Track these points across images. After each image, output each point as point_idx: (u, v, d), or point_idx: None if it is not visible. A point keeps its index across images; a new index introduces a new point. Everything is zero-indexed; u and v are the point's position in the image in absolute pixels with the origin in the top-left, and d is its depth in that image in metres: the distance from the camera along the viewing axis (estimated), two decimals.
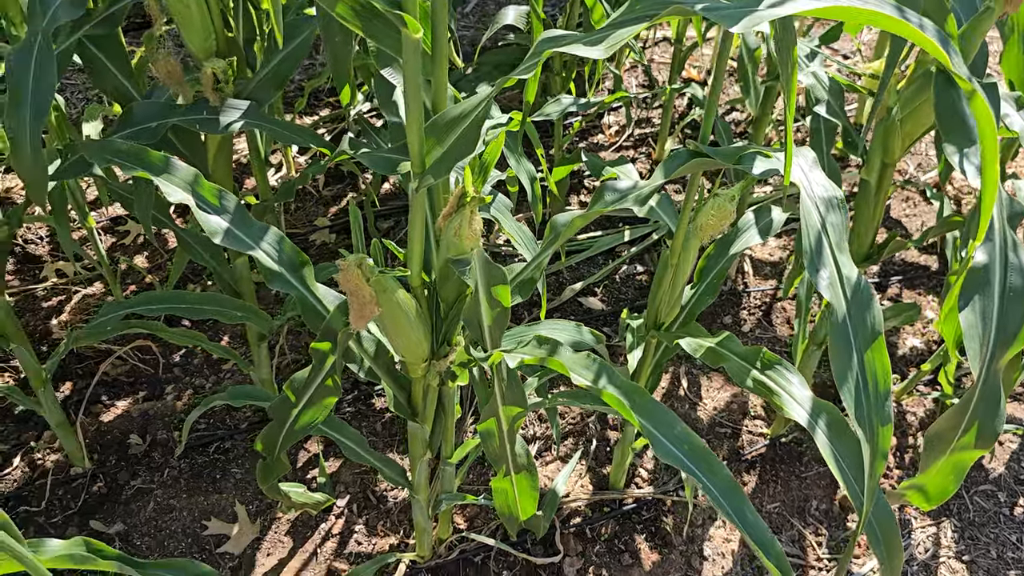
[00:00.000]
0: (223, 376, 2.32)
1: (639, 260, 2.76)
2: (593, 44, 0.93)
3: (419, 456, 1.61)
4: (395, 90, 1.58)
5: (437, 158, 1.13)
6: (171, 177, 1.30)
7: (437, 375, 1.44)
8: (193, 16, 1.41)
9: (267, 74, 1.53)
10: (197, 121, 1.46)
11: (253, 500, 2.02)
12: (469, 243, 1.24)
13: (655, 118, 3.51)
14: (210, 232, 1.28)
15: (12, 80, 1.32)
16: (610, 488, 2.08)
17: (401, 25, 0.99)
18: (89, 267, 2.63)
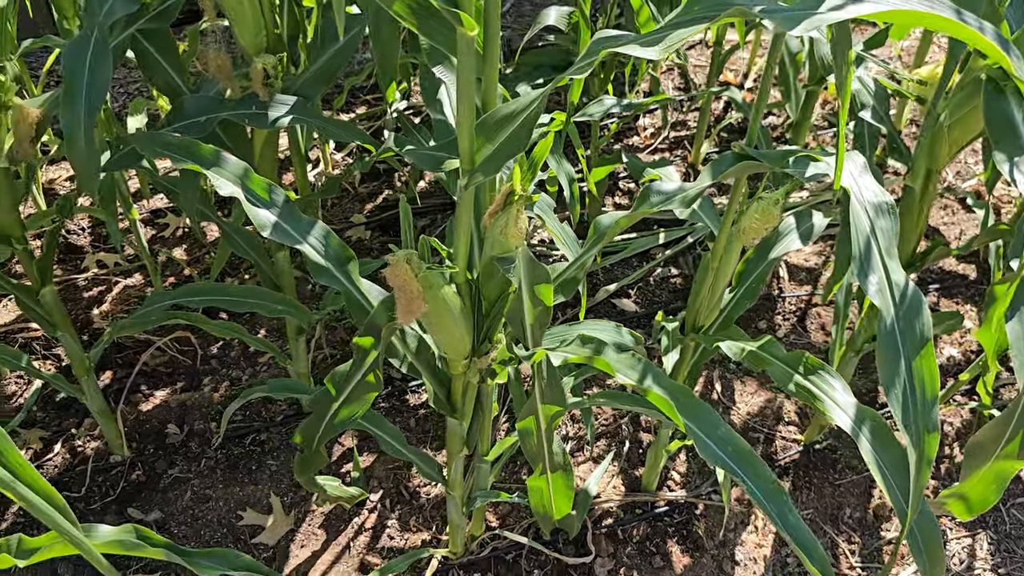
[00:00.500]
0: (259, 369, 2.34)
1: (673, 263, 2.75)
2: (650, 45, 0.93)
3: (456, 452, 1.62)
4: (440, 88, 1.60)
5: (487, 156, 1.13)
6: (221, 171, 1.32)
7: (477, 372, 1.44)
8: (245, 12, 1.43)
9: (315, 70, 1.55)
10: (246, 116, 1.48)
11: (288, 492, 2.04)
12: (514, 241, 1.25)
13: (691, 121, 3.50)
14: (259, 226, 1.29)
15: (67, 73, 1.34)
16: (642, 490, 2.07)
17: (457, 23, 1.00)
18: (129, 258, 2.67)
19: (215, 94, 1.63)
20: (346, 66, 1.55)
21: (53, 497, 0.91)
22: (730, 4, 0.91)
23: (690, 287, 2.64)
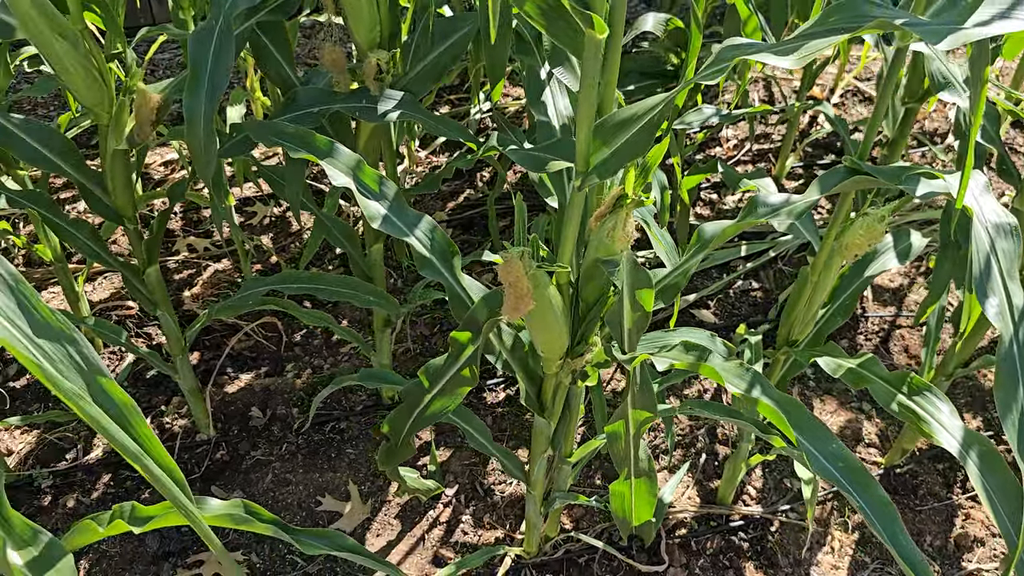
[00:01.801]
0: (340, 358, 2.38)
1: (754, 276, 2.73)
2: (784, 54, 0.93)
3: (540, 452, 1.63)
4: (544, 90, 1.61)
5: (603, 159, 1.14)
6: (335, 161, 1.35)
7: (570, 373, 1.45)
8: (363, 8, 1.46)
9: (424, 67, 1.58)
10: (357, 109, 1.51)
11: (365, 481, 2.08)
12: (620, 245, 1.26)
13: (774, 134, 3.46)
14: (369, 217, 1.32)
15: (192, 60, 1.39)
16: (717, 503, 2.06)
17: (588, 26, 1.01)
18: (217, 244, 2.74)
19: (324, 86, 1.66)
20: (455, 64, 1.57)
21: (174, 472, 0.94)
22: (870, 16, 0.90)
23: (771, 301, 2.64)
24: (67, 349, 0.86)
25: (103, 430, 0.85)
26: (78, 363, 0.87)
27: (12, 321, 0.83)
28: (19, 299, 0.84)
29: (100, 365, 0.88)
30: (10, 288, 0.84)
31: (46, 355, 0.84)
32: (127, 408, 0.90)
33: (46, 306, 0.85)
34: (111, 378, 0.88)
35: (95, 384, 0.88)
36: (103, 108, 1.49)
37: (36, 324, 0.84)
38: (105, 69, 1.46)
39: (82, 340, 0.87)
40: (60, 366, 0.85)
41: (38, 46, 1.37)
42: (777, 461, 2.15)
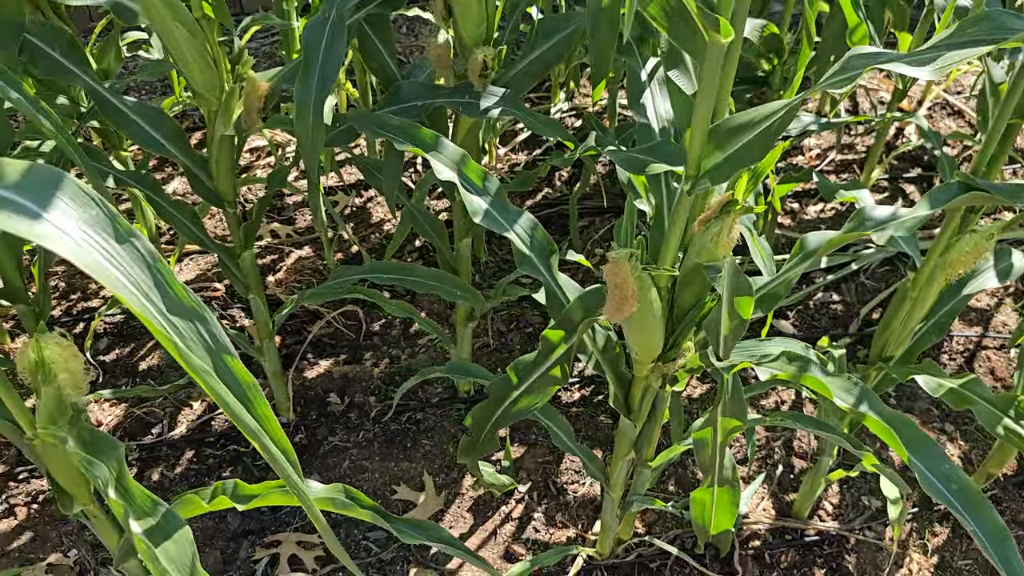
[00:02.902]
0: (417, 350, 2.41)
1: (835, 289, 2.68)
2: (919, 64, 0.91)
3: (623, 454, 1.63)
4: (644, 92, 1.61)
5: (716, 164, 1.14)
6: (439, 155, 1.37)
7: (660, 377, 1.45)
8: (472, 4, 1.47)
9: (527, 65, 1.58)
10: (460, 104, 1.53)
11: (440, 472, 2.10)
12: (723, 251, 1.25)
13: (858, 144, 3.40)
14: (472, 211, 1.33)
15: (305, 50, 1.42)
16: (793, 516, 2.03)
17: (713, 29, 1.00)
18: (299, 231, 2.79)
19: (424, 80, 1.68)
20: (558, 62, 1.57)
21: (288, 452, 0.96)
22: (1013, 29, 0.88)
23: (852, 315, 2.59)
24: (197, 327, 0.89)
25: (226, 406, 0.87)
26: (206, 341, 0.89)
27: (148, 297, 0.85)
28: (155, 276, 0.87)
29: (227, 344, 0.90)
30: (147, 265, 0.86)
31: (178, 331, 0.87)
32: (249, 387, 0.92)
33: (180, 284, 0.87)
34: (236, 357, 0.91)
35: (220, 362, 0.90)
36: (214, 94, 1.53)
37: (170, 301, 0.87)
38: (219, 56, 1.49)
39: (211, 319, 0.90)
40: (190, 343, 0.88)
41: (159, 32, 1.41)
42: (856, 478, 2.12)
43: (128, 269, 0.85)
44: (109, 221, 0.86)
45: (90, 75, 1.54)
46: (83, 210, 0.84)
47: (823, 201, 3.05)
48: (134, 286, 0.84)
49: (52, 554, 1.91)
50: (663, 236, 1.54)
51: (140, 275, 0.86)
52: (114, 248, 0.84)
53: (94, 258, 0.81)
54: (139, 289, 0.85)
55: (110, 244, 0.84)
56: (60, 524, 1.97)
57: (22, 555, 1.92)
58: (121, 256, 0.84)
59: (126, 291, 0.82)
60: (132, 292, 0.83)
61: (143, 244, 0.87)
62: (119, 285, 0.82)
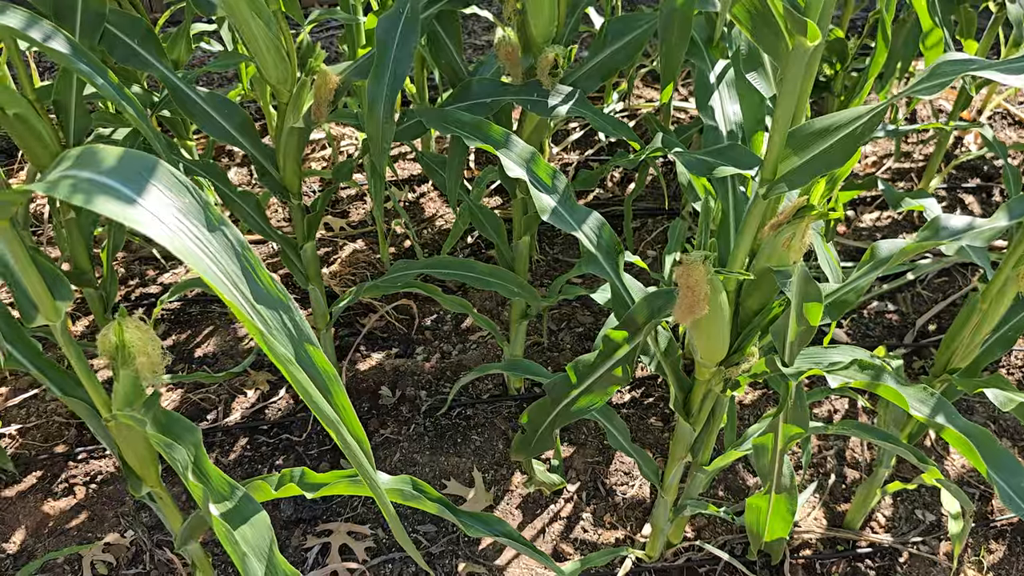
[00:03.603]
0: (468, 346, 2.42)
1: (890, 299, 2.64)
2: (1014, 72, 0.90)
3: (679, 457, 1.62)
4: (713, 94, 1.60)
5: (793, 168, 1.13)
6: (509, 152, 1.37)
7: (722, 381, 1.44)
8: (544, 2, 1.47)
9: (596, 65, 1.58)
10: (529, 102, 1.53)
11: (489, 469, 2.10)
12: (795, 256, 1.24)
13: (915, 153, 3.34)
14: (540, 209, 1.33)
15: (378, 46, 1.43)
16: (845, 527, 2.01)
17: (800, 32, 1.00)
18: (352, 224, 2.81)
19: (491, 77, 1.69)
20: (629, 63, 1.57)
21: (363, 443, 0.96)
22: None
23: (907, 325, 2.55)
24: (281, 316, 0.90)
25: (306, 395, 0.88)
26: (289, 330, 0.90)
27: (236, 286, 0.87)
28: (243, 265, 0.88)
29: (309, 334, 0.91)
30: (236, 254, 0.88)
31: (263, 320, 0.88)
32: (329, 377, 0.93)
33: (267, 273, 0.89)
34: (318, 347, 0.92)
35: (302, 351, 0.91)
36: (286, 86, 1.54)
37: (257, 290, 0.88)
38: (292, 49, 1.51)
39: (295, 308, 0.91)
40: (274, 331, 0.89)
41: (236, 24, 1.43)
42: (910, 490, 2.09)
43: (218, 257, 0.86)
44: (201, 209, 0.87)
45: (165, 65, 1.57)
46: (176, 197, 0.85)
47: (879, 209, 3.01)
48: (223, 274, 0.86)
49: (109, 534, 1.95)
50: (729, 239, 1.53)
51: (229, 263, 0.87)
52: (205, 236, 0.86)
53: (186, 245, 0.82)
54: (228, 277, 0.86)
55: (201, 232, 0.86)
56: (116, 505, 2.01)
57: (80, 533, 1.96)
58: (211, 244, 0.86)
59: (216, 278, 0.84)
60: (221, 280, 0.85)
61: (232, 233, 0.88)
62: (209, 272, 0.83)
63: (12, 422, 2.19)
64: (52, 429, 2.18)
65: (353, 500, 2.02)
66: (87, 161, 0.86)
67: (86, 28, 1.47)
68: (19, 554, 1.91)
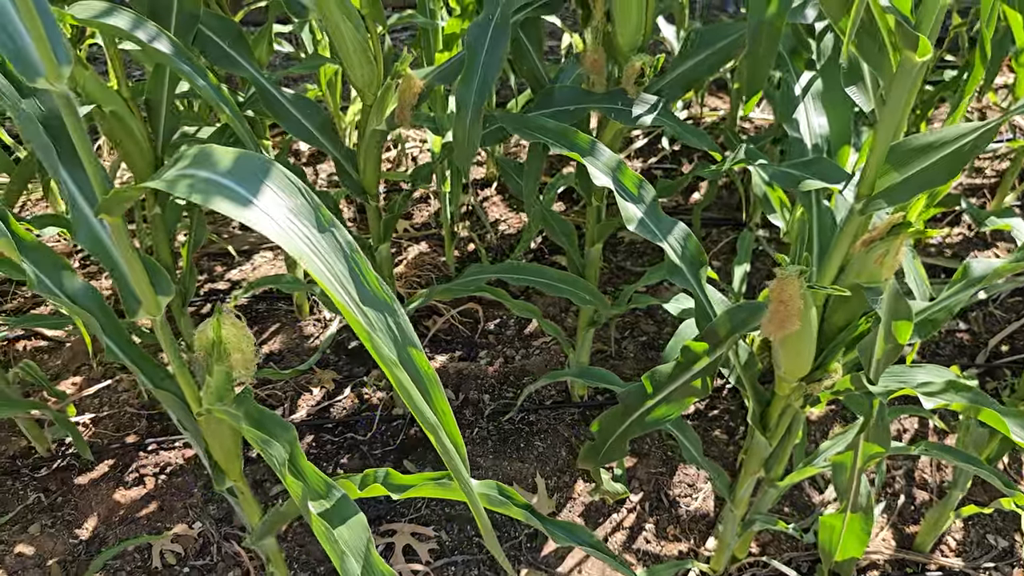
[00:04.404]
0: (532, 351, 2.42)
1: (962, 318, 2.59)
2: None
3: (753, 472, 1.60)
4: (798, 106, 1.58)
5: (893, 184, 1.11)
6: (595, 161, 1.37)
7: (802, 397, 1.42)
8: (631, 12, 1.47)
9: (680, 74, 1.58)
10: (613, 110, 1.53)
11: (552, 475, 2.10)
12: (887, 273, 1.22)
13: (987, 168, 3.28)
14: (626, 218, 1.33)
15: (468, 51, 1.44)
16: (914, 549, 1.97)
17: (910, 47, 0.98)
18: (416, 226, 2.83)
19: (572, 83, 1.69)
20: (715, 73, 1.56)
21: (460, 447, 0.97)
22: None
23: (979, 345, 2.49)
24: (386, 318, 0.91)
25: (408, 398, 0.89)
26: (394, 332, 0.91)
27: (344, 287, 0.88)
28: (351, 266, 0.89)
29: (412, 337, 0.92)
30: (345, 255, 0.89)
31: (369, 321, 0.89)
32: (430, 380, 0.94)
33: (374, 275, 0.90)
34: (421, 350, 0.93)
35: (405, 354, 0.92)
36: (371, 89, 1.56)
37: (363, 292, 0.89)
38: (379, 52, 1.53)
39: (399, 311, 0.92)
40: (379, 333, 0.90)
41: (326, 26, 1.45)
42: (983, 515, 2.04)
43: (327, 257, 0.87)
44: (312, 210, 0.88)
45: (254, 67, 1.60)
46: (289, 198, 0.87)
47: (949, 225, 2.96)
48: (332, 274, 0.87)
49: (177, 525, 1.98)
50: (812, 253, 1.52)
51: (338, 264, 0.88)
52: (315, 236, 0.87)
53: (297, 244, 0.84)
54: (336, 278, 0.87)
55: (312, 232, 0.87)
56: (185, 496, 2.05)
57: (149, 523, 1.99)
58: (322, 245, 0.87)
59: (325, 278, 0.85)
60: (330, 280, 0.86)
61: (342, 235, 0.89)
62: (319, 272, 0.85)
63: (86, 411, 2.24)
64: (124, 419, 2.23)
65: (416, 500, 2.03)
66: (203, 161, 0.88)
67: (180, 29, 1.50)
68: (91, 540, 1.95)
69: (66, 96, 0.89)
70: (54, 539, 1.95)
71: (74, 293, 1.20)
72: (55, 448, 2.15)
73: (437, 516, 1.99)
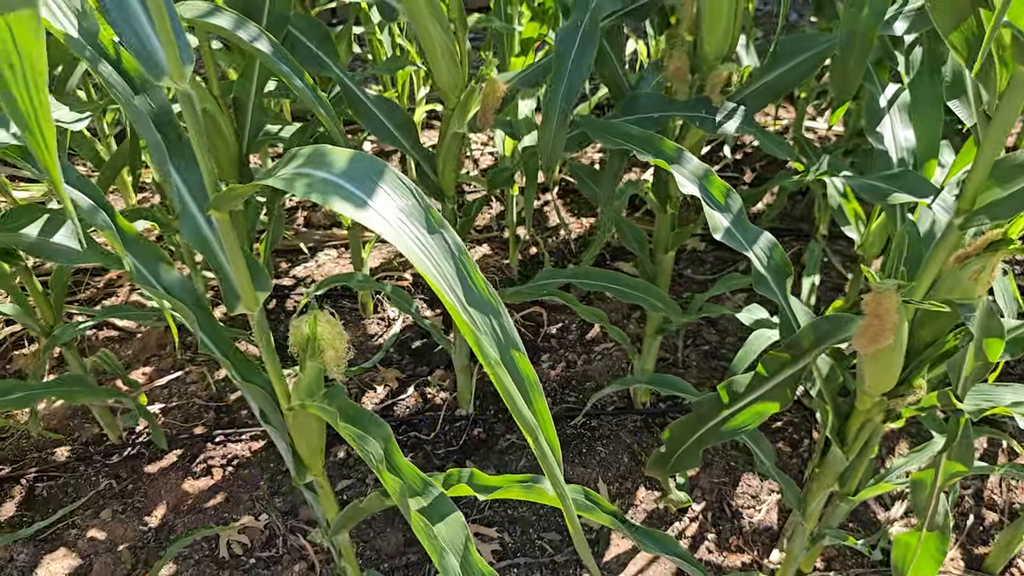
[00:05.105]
0: (593, 356, 2.42)
1: None
2: None
3: (827, 486, 1.59)
4: (883, 118, 1.57)
5: (995, 200, 1.10)
6: (682, 169, 1.37)
7: (883, 412, 1.41)
8: (721, 20, 1.46)
9: (766, 83, 1.57)
10: (696, 118, 1.52)
11: (614, 482, 2.10)
12: (981, 289, 1.20)
13: None
14: (713, 227, 1.33)
15: (557, 57, 1.44)
16: (983, 571, 1.93)
17: (1022, 62, 0.97)
18: (478, 228, 2.84)
19: (652, 90, 1.69)
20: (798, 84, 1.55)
21: (556, 451, 0.97)
22: None
23: None
24: (491, 320, 0.91)
25: (510, 400, 0.90)
26: (498, 335, 0.92)
27: (452, 288, 0.89)
28: (459, 268, 0.90)
29: (516, 339, 0.93)
30: (453, 257, 0.90)
31: (475, 323, 0.90)
32: (530, 383, 0.94)
33: (481, 277, 0.90)
34: (523, 353, 0.93)
35: (508, 356, 0.93)
36: (455, 92, 1.58)
37: (470, 294, 0.90)
38: (464, 55, 1.54)
39: (504, 313, 0.92)
40: (485, 335, 0.91)
41: (417, 30, 1.47)
42: None
43: (436, 258, 0.88)
44: (423, 212, 0.90)
45: (339, 67, 1.62)
46: (401, 199, 0.88)
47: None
48: (441, 275, 0.88)
49: (244, 516, 2.01)
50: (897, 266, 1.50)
51: (447, 265, 0.89)
52: (425, 237, 0.88)
53: (408, 245, 0.85)
54: (445, 279, 0.88)
55: (422, 233, 0.88)
56: (251, 488, 2.08)
57: (216, 513, 2.03)
58: (431, 246, 0.88)
59: (436, 279, 0.86)
60: (440, 280, 0.87)
61: (451, 236, 0.90)
62: (430, 272, 0.86)
63: (155, 401, 2.29)
64: (192, 410, 2.27)
65: (479, 501, 2.04)
66: (318, 161, 0.90)
67: (271, 29, 1.53)
68: (160, 527, 1.99)
69: (188, 95, 0.91)
70: (124, 525, 1.99)
71: (170, 285, 1.23)
72: (126, 436, 2.20)
73: (500, 518, 2.00)
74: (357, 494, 2.05)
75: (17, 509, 2.03)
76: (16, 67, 0.57)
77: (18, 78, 0.58)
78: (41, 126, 0.59)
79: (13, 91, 0.58)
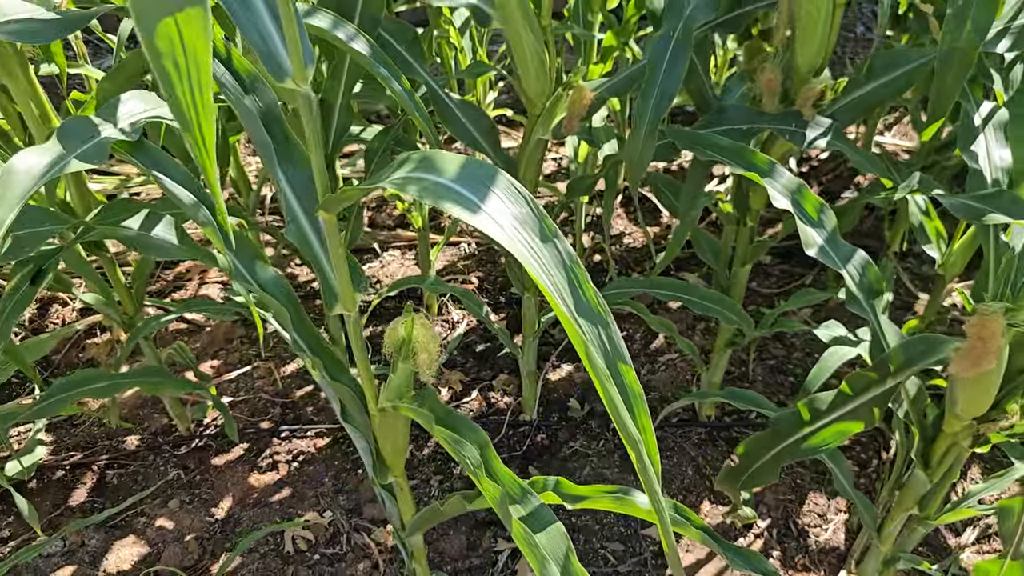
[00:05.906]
0: (657, 367, 2.41)
1: None
2: None
3: (906, 508, 1.56)
4: (977, 137, 1.54)
5: None
6: (775, 183, 1.35)
7: (971, 436, 1.38)
8: (816, 32, 1.45)
9: (858, 98, 1.54)
10: (786, 131, 1.51)
11: (677, 494, 2.08)
12: None
13: None
14: (806, 243, 1.31)
15: (649, 66, 1.44)
16: None
17: None
18: None
19: (737, 102, 1.68)
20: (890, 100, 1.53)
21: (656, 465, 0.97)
22: None
23: None
24: (599, 331, 0.91)
25: (615, 410, 0.89)
26: (605, 346, 0.91)
27: (563, 297, 0.89)
28: (570, 278, 0.90)
29: (623, 351, 0.93)
30: (565, 266, 0.90)
31: (584, 333, 0.90)
32: (635, 396, 0.94)
33: (592, 288, 0.90)
34: (630, 365, 0.93)
35: (614, 368, 0.92)
36: (541, 99, 1.57)
37: (580, 304, 0.90)
38: (553, 63, 1.54)
39: (612, 325, 0.92)
40: (593, 345, 0.90)
41: (509, 35, 1.47)
42: None
43: (548, 267, 0.88)
44: (537, 220, 0.90)
45: (426, 71, 1.63)
46: (515, 206, 0.88)
47: None
48: (552, 284, 0.88)
49: (309, 512, 2.03)
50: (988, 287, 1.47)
51: (558, 274, 0.89)
52: (538, 245, 0.88)
53: (521, 251, 0.85)
54: (556, 287, 0.88)
55: (535, 241, 0.88)
56: (316, 485, 2.10)
57: (281, 508, 2.05)
58: (544, 254, 0.88)
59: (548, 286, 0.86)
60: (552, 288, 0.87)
61: (563, 246, 0.90)
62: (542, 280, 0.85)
63: (223, 395, 2.32)
64: (259, 405, 2.30)
65: None
66: (430, 166, 0.90)
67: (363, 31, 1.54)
68: (226, 519, 2.01)
69: (308, 96, 0.92)
70: (191, 516, 2.02)
71: (265, 282, 1.24)
72: (194, 427, 2.23)
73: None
74: (422, 495, 2.05)
75: (88, 495, 2.07)
76: (181, 66, 0.58)
77: (183, 78, 0.59)
78: (202, 127, 0.60)
79: (178, 91, 0.59)
